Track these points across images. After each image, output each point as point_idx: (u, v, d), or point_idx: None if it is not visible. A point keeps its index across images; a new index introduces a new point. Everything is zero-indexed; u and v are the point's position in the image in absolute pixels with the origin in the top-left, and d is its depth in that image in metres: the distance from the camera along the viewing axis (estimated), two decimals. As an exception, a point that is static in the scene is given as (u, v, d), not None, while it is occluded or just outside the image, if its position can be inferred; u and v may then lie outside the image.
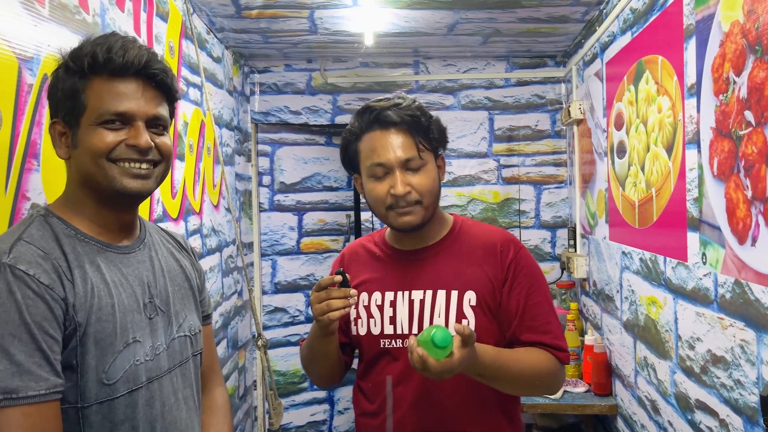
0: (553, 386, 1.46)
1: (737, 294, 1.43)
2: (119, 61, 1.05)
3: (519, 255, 1.43)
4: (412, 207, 1.36)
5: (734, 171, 1.42)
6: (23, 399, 0.91)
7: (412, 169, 1.36)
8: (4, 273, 0.94)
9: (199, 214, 2.55)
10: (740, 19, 1.38)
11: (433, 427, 1.39)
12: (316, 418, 3.79)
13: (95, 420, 1.02)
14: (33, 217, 1.07)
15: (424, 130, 1.38)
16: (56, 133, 1.08)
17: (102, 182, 1.07)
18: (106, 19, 1.72)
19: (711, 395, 1.59)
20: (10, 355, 0.91)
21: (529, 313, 1.39)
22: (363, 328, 1.45)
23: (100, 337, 1.02)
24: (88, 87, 1.05)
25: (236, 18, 2.68)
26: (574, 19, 2.77)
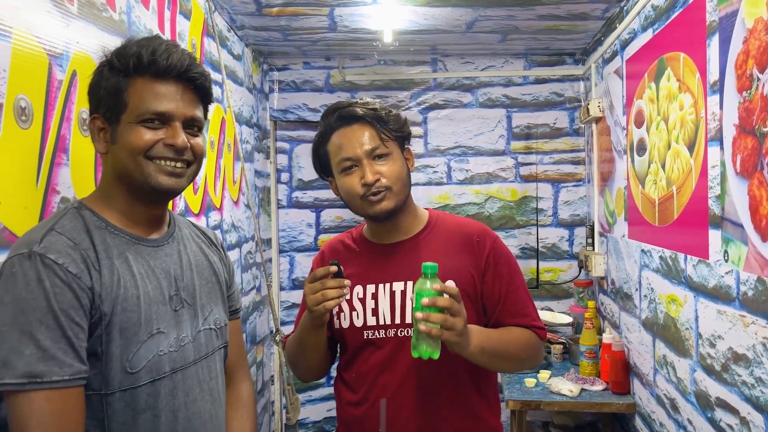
0: (537, 358, 1.54)
1: (760, 291, 1.42)
2: (163, 63, 1.09)
3: (495, 245, 1.51)
4: (383, 193, 1.42)
5: (758, 168, 1.41)
6: (47, 384, 0.94)
7: (378, 157, 1.43)
8: (35, 261, 0.97)
9: (220, 210, 2.57)
10: (764, 16, 1.37)
11: (415, 412, 1.43)
12: (332, 414, 3.80)
13: (118, 407, 1.04)
14: (67, 209, 1.10)
15: (384, 121, 1.45)
16: (95, 128, 1.12)
17: (138, 178, 1.10)
18: (132, 16, 1.75)
19: (732, 393, 1.59)
20: (37, 340, 0.94)
21: (510, 299, 1.48)
22: (346, 321, 1.49)
23: (125, 327, 1.05)
24: (131, 86, 1.08)
25: (257, 16, 2.70)
26: (594, 17, 2.77)
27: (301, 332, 1.48)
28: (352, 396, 1.50)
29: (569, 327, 3.27)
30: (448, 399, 1.45)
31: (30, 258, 0.97)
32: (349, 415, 1.51)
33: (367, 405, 1.46)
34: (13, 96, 1.18)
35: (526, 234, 3.56)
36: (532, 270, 3.49)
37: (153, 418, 1.08)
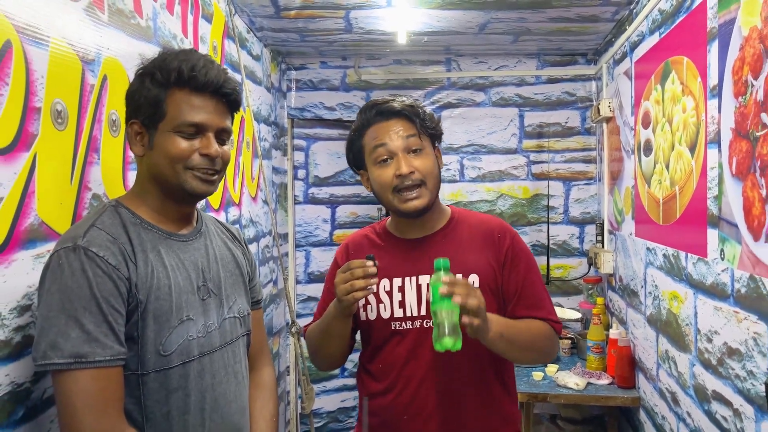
0: (553, 349, 1.58)
1: (752, 288, 1.49)
2: (202, 79, 1.19)
3: (514, 241, 1.55)
4: (418, 189, 1.46)
5: (751, 170, 1.48)
6: (91, 363, 1.04)
7: (413, 152, 1.47)
8: (79, 254, 1.07)
9: (239, 206, 2.67)
10: (758, 25, 1.43)
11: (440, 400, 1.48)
12: (346, 405, 3.91)
13: (153, 386, 1.15)
14: (105, 207, 1.21)
15: (421, 117, 1.50)
16: (133, 132, 1.21)
17: (173, 182, 1.20)
18: (158, 22, 1.84)
19: (726, 386, 1.65)
20: (82, 324, 1.04)
21: (526, 292, 1.52)
22: (373, 313, 1.53)
23: (158, 314, 1.15)
24: (169, 97, 1.18)
25: (275, 18, 2.80)
26: (605, 19, 2.82)
27: (326, 321, 1.52)
28: (377, 386, 1.55)
29: (578, 323, 3.33)
30: (471, 387, 1.49)
31: (75, 251, 1.07)
32: (377, 404, 1.55)
33: (395, 393, 1.51)
34: (50, 100, 1.28)
35: (537, 231, 3.62)
36: (542, 267, 3.56)
37: (184, 397, 1.18)
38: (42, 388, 1.22)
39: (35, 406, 1.20)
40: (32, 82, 1.21)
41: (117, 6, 1.58)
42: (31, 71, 1.21)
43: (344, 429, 3.91)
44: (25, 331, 1.17)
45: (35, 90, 1.22)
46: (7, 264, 1.13)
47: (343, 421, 3.91)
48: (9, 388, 1.13)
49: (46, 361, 1.03)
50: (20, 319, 1.16)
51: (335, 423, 3.89)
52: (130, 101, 1.23)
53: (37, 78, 1.23)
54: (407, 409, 1.50)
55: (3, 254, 1.12)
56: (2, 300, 1.12)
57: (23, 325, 1.17)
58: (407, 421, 1.50)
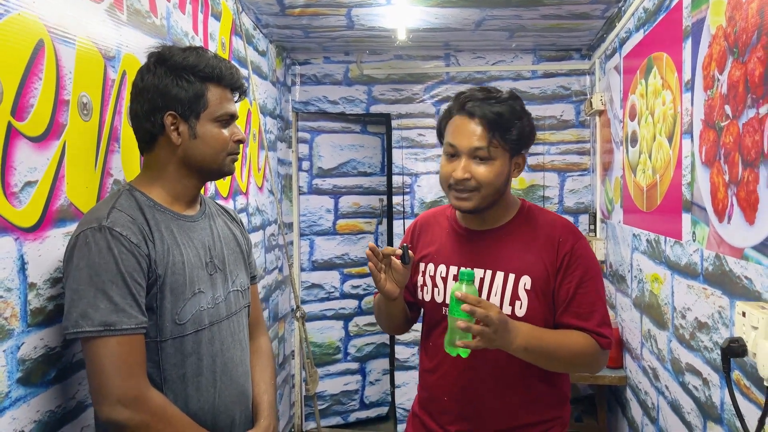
0: (593, 366, 1.49)
1: (717, 266, 1.62)
2: (233, 79, 1.37)
3: (576, 245, 1.48)
4: (469, 193, 1.45)
5: (717, 158, 1.60)
6: (119, 331, 1.18)
7: (479, 158, 1.44)
8: (104, 233, 1.20)
9: (246, 195, 2.82)
10: (723, 24, 1.56)
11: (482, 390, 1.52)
12: (349, 388, 4.06)
13: (170, 352, 1.29)
14: (120, 191, 1.33)
15: (502, 128, 1.44)
16: (168, 123, 1.31)
17: (213, 167, 1.36)
18: (171, 21, 1.98)
19: (697, 358, 1.79)
20: (109, 296, 1.18)
21: (577, 300, 1.45)
22: (428, 295, 1.57)
23: (174, 287, 1.29)
24: (209, 91, 1.33)
25: (280, 15, 2.93)
26: (595, 16, 2.94)
27: (378, 298, 1.62)
28: (427, 363, 1.60)
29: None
30: (511, 382, 1.49)
31: (101, 230, 1.20)
32: (426, 381, 1.63)
33: (439, 374, 1.55)
34: (77, 93, 1.42)
35: (532, 220, 3.75)
36: (538, 255, 3.68)
37: (197, 361, 1.32)
38: (71, 353, 1.36)
39: (65, 369, 1.34)
40: (62, 77, 1.35)
41: (135, 6, 1.72)
42: (61, 67, 1.35)
43: (347, 411, 4.06)
44: (57, 301, 1.31)
45: (64, 84, 1.36)
46: (41, 240, 1.28)
47: (346, 404, 4.06)
48: (43, 351, 1.27)
49: (78, 329, 1.16)
50: (53, 289, 1.30)
51: (338, 405, 4.04)
52: (163, 93, 1.30)
53: (65, 73, 1.37)
54: (450, 391, 1.54)
55: (38, 231, 1.27)
56: (38, 272, 1.26)
57: (55, 295, 1.31)
58: (448, 402, 1.55)
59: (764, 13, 1.34)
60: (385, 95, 3.80)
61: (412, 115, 3.81)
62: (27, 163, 1.23)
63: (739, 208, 1.47)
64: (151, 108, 1.31)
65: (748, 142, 1.41)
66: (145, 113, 1.32)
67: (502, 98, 1.48)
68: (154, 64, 1.32)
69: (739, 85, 1.46)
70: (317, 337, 3.95)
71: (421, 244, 1.64)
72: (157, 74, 1.30)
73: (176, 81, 1.30)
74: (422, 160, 3.81)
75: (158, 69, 1.31)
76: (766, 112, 1.33)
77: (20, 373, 1.20)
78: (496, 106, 1.45)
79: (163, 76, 1.30)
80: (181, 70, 1.30)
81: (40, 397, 1.26)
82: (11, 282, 1.18)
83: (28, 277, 1.23)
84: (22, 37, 1.22)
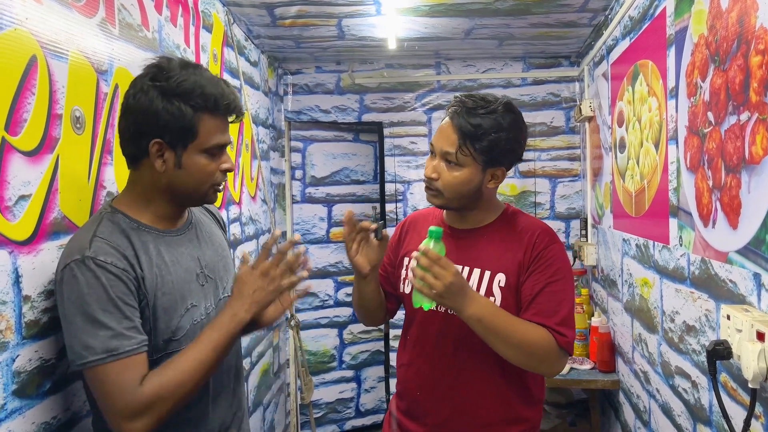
0: (547, 362, 1.47)
1: (703, 270, 1.65)
2: (229, 108, 1.32)
3: (550, 247, 1.52)
4: (435, 191, 1.53)
5: (701, 164, 1.63)
6: (122, 354, 1.19)
7: (449, 162, 1.50)
8: (89, 263, 1.20)
9: (239, 204, 2.83)
10: (704, 33, 1.59)
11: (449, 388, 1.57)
12: (344, 396, 4.07)
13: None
14: (101, 215, 1.31)
15: (474, 139, 1.47)
16: (154, 150, 1.26)
17: (195, 197, 1.35)
18: (163, 34, 2.00)
19: (685, 361, 1.81)
20: (106, 325, 1.18)
21: (541, 299, 1.47)
22: (408, 288, 1.62)
23: (166, 306, 1.30)
24: (201, 121, 1.27)
25: (271, 26, 2.95)
26: (583, 24, 2.98)
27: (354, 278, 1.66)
28: (404, 357, 1.68)
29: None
30: (485, 381, 1.54)
31: (84, 262, 1.19)
32: (401, 375, 1.69)
33: (414, 368, 1.62)
34: (70, 108, 1.43)
35: (525, 226, 3.77)
36: (530, 260, 3.70)
37: None
38: (66, 365, 1.36)
39: (60, 380, 1.35)
40: (54, 91, 1.37)
41: (126, 20, 1.74)
42: (54, 82, 1.37)
43: (343, 419, 4.07)
44: (51, 313, 1.32)
45: (57, 98, 1.38)
46: (35, 253, 1.29)
47: (342, 412, 4.07)
48: (38, 363, 1.28)
49: (83, 360, 1.17)
50: (47, 302, 1.32)
51: (334, 413, 4.04)
52: (151, 119, 1.25)
53: (58, 88, 1.38)
54: (421, 387, 1.60)
55: (32, 244, 1.28)
56: (32, 285, 1.28)
57: (50, 307, 1.32)
58: (420, 398, 1.60)
59: (744, 22, 1.38)
60: (376, 104, 3.83)
61: (403, 123, 3.84)
62: (21, 177, 1.25)
63: (723, 212, 1.50)
64: (137, 131, 1.27)
65: (730, 148, 1.44)
66: (132, 136, 1.29)
67: (491, 109, 1.49)
68: (149, 84, 1.26)
69: (721, 92, 1.49)
70: (312, 346, 3.96)
71: (407, 241, 1.71)
72: (149, 96, 1.24)
73: (167, 108, 1.24)
74: (414, 168, 3.84)
75: (151, 91, 1.25)
76: (747, 118, 1.36)
77: (15, 385, 1.21)
78: (478, 118, 1.47)
79: (154, 100, 1.24)
80: (174, 97, 1.24)
81: (35, 408, 1.27)
82: (6, 295, 1.19)
83: (22, 290, 1.24)
84: (16, 53, 1.24)
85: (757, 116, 1.31)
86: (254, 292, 1.32)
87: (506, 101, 1.55)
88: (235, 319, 1.30)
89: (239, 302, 1.32)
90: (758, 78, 1.30)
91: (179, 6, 2.15)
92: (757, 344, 1.23)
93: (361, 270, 1.57)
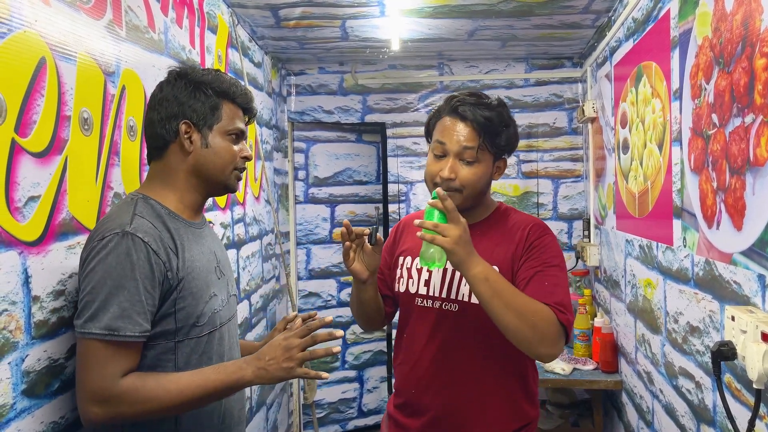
0: (549, 339, 1.40)
1: (707, 271, 1.66)
2: (246, 99, 1.46)
3: (544, 237, 1.54)
4: (452, 192, 1.49)
5: (705, 165, 1.64)
6: (122, 337, 1.20)
7: (464, 160, 1.50)
8: (127, 239, 1.22)
9: (243, 205, 2.84)
10: (709, 35, 1.60)
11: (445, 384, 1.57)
12: (347, 396, 4.08)
13: (185, 351, 1.33)
14: (135, 199, 1.35)
15: (492, 133, 1.50)
16: (182, 130, 1.37)
17: (218, 179, 1.41)
18: (168, 35, 2.01)
19: (689, 361, 1.82)
20: (119, 301, 1.20)
21: (537, 280, 1.46)
22: (403, 287, 1.64)
23: (194, 290, 1.33)
24: (224, 106, 1.41)
25: (275, 28, 2.96)
26: (586, 25, 2.99)
27: (353, 285, 1.66)
28: (400, 356, 1.68)
29: (567, 314, 3.49)
30: (482, 376, 1.54)
31: (124, 236, 1.22)
32: (398, 374, 1.69)
33: (410, 366, 1.62)
34: (78, 109, 1.44)
35: (527, 227, 3.78)
36: (533, 261, 3.71)
37: (208, 360, 1.37)
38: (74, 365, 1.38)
39: (68, 380, 1.36)
40: (63, 93, 1.38)
41: (133, 22, 1.75)
42: (62, 83, 1.38)
43: (345, 419, 4.08)
44: (60, 313, 1.34)
45: (66, 100, 1.39)
46: (44, 254, 1.30)
47: (344, 412, 4.07)
48: (47, 363, 1.29)
49: (83, 330, 1.19)
50: (56, 302, 1.33)
51: (336, 413, 4.05)
52: (180, 103, 1.37)
53: (67, 90, 1.39)
54: (417, 384, 1.60)
55: (41, 245, 1.29)
56: (41, 285, 1.28)
57: (58, 307, 1.33)
58: (415, 395, 1.61)
59: (748, 24, 1.38)
60: (379, 104, 3.84)
61: (406, 124, 3.85)
62: (30, 179, 1.26)
63: (727, 214, 1.50)
64: (167, 115, 1.37)
65: (735, 150, 1.45)
66: (161, 120, 1.37)
67: (492, 104, 1.54)
68: (175, 77, 1.40)
69: (725, 94, 1.50)
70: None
71: (402, 241, 1.72)
72: (177, 86, 1.39)
73: (194, 93, 1.38)
74: (417, 168, 3.85)
75: (178, 82, 1.39)
76: (752, 121, 1.37)
77: (24, 384, 1.22)
78: (486, 111, 1.51)
79: (182, 89, 1.38)
80: (200, 84, 1.39)
81: (44, 408, 1.28)
82: (15, 295, 1.20)
83: (31, 291, 1.25)
84: (25, 55, 1.25)
85: (761, 118, 1.32)
86: (270, 360, 1.27)
87: (498, 97, 1.59)
88: (240, 373, 1.27)
89: (255, 362, 1.28)
90: (763, 80, 1.31)
91: (185, 7, 2.16)
92: (762, 345, 1.23)
93: (360, 276, 1.56)
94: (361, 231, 1.55)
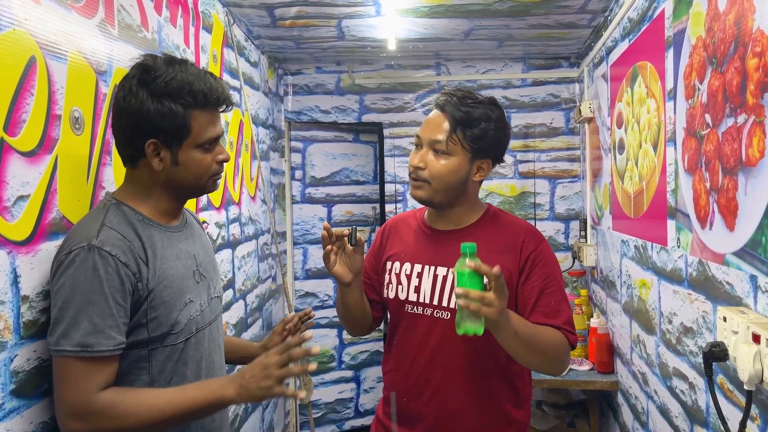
0: (562, 363, 1.50)
1: (700, 272, 1.65)
2: (218, 100, 1.34)
3: (540, 247, 1.54)
4: (421, 182, 1.51)
5: (698, 166, 1.64)
6: (96, 353, 1.18)
7: (437, 151, 1.50)
8: (93, 253, 1.20)
9: (238, 205, 2.84)
10: (702, 35, 1.60)
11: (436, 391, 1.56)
12: (344, 396, 4.07)
13: (159, 358, 1.31)
14: (107, 205, 1.32)
15: (464, 126, 1.49)
16: (151, 150, 1.29)
17: (196, 190, 1.39)
18: (162, 34, 2.01)
19: (683, 362, 1.81)
20: (90, 317, 1.18)
21: (543, 299, 1.49)
22: (392, 293, 1.62)
23: (167, 300, 1.31)
24: (194, 118, 1.30)
25: (271, 27, 2.96)
26: (582, 25, 2.98)
27: (337, 287, 1.65)
28: (391, 363, 1.67)
29: (563, 314, 3.48)
30: (473, 382, 1.54)
31: (89, 250, 1.20)
32: (388, 381, 1.68)
33: (402, 373, 1.61)
34: (69, 108, 1.44)
35: (524, 227, 3.78)
36: (529, 261, 3.71)
37: (182, 366, 1.35)
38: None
39: (58, 380, 1.36)
40: (53, 92, 1.37)
41: (126, 21, 1.74)
42: (53, 82, 1.37)
43: (342, 419, 4.07)
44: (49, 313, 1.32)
45: (56, 99, 1.38)
46: (34, 254, 1.29)
47: (341, 412, 4.07)
48: (36, 363, 1.29)
49: (57, 347, 1.18)
50: (45, 302, 1.32)
51: (333, 413, 4.05)
52: (144, 121, 1.27)
53: (57, 89, 1.39)
54: (409, 391, 1.59)
55: (30, 245, 1.29)
56: (30, 285, 1.28)
57: (47, 307, 1.32)
58: (407, 402, 1.60)
59: (741, 24, 1.38)
60: (376, 104, 3.83)
61: (403, 124, 3.85)
62: (19, 178, 1.25)
63: (720, 214, 1.50)
64: (131, 133, 1.29)
65: (727, 150, 1.44)
66: (127, 138, 1.31)
67: (479, 101, 1.53)
68: (137, 85, 1.27)
69: (718, 94, 1.50)
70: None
71: (389, 245, 1.70)
72: (139, 98, 1.26)
73: (158, 108, 1.26)
74: (414, 169, 3.83)
75: (140, 93, 1.26)
76: (744, 121, 1.36)
77: (13, 384, 1.22)
78: (469, 107, 1.51)
79: (145, 101, 1.26)
80: (164, 97, 1.26)
81: (33, 408, 1.27)
82: (4, 295, 1.20)
83: (21, 290, 1.25)
84: (15, 54, 1.24)
85: (753, 119, 1.32)
86: (249, 378, 1.26)
87: (492, 97, 1.59)
88: (222, 391, 1.26)
89: (237, 380, 1.27)
90: (755, 80, 1.31)
91: (179, 7, 2.15)
92: (753, 346, 1.23)
93: (343, 279, 1.55)
94: (341, 232, 1.52)
